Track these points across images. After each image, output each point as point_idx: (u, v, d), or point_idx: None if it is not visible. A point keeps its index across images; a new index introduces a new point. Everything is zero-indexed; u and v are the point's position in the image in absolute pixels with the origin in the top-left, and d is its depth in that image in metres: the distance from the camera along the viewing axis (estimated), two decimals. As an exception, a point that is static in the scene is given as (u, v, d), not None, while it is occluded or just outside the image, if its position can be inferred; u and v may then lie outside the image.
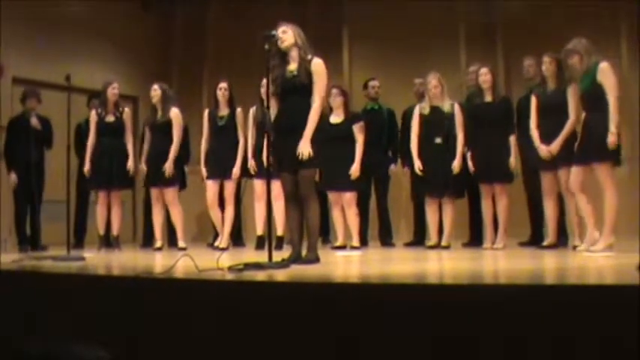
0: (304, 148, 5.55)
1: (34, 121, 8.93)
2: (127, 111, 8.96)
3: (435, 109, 8.03)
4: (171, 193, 8.70)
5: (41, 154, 9.02)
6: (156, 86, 8.75)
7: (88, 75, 10.02)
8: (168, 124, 8.64)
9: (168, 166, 8.55)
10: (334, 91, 8.23)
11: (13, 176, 8.92)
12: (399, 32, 10.85)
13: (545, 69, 7.42)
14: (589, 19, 8.64)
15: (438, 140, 7.98)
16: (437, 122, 8.01)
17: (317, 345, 3.49)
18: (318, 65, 5.69)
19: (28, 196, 8.96)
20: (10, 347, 2.00)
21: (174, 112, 8.70)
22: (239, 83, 9.40)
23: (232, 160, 8.56)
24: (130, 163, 8.76)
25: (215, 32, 12.33)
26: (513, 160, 7.71)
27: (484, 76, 7.82)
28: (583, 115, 6.77)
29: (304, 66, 5.67)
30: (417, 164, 8.05)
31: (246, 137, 8.56)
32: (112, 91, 8.81)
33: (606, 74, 6.50)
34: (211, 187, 8.66)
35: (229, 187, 8.59)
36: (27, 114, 9.00)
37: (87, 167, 8.69)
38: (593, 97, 6.56)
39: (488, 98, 7.85)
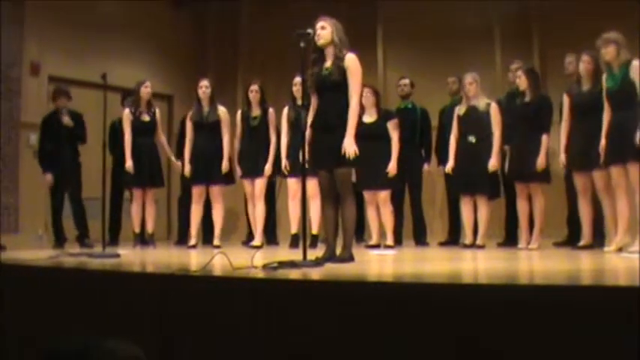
0: (349, 147, 5.50)
1: (66, 120, 8.96)
2: (158, 110, 9.04)
3: (470, 108, 8.02)
4: (219, 190, 8.75)
5: (75, 151, 9.07)
6: (206, 82, 8.77)
7: (123, 73, 10.04)
8: (216, 122, 8.68)
9: (225, 164, 8.62)
10: (366, 90, 8.21)
11: (49, 176, 8.96)
12: (434, 31, 10.80)
13: (583, 68, 7.32)
14: (626, 16, 8.52)
15: (472, 139, 7.96)
16: (471, 121, 7.99)
17: (349, 344, 3.48)
18: (351, 61, 5.63)
19: (62, 193, 9.02)
20: (44, 344, 2.01)
21: (223, 111, 8.78)
22: (273, 81, 9.44)
23: (264, 159, 8.61)
24: (174, 161, 8.85)
25: (248, 30, 12.34)
26: (542, 160, 7.62)
27: (519, 78, 7.78)
28: (608, 113, 6.71)
29: (337, 63, 5.63)
30: (450, 164, 8.05)
31: (279, 136, 8.58)
32: (145, 90, 8.86)
33: (639, 72, 6.44)
34: (248, 185, 8.73)
35: (260, 185, 8.63)
36: (58, 112, 9.06)
37: (129, 163, 8.69)
38: (624, 95, 6.51)
39: (527, 98, 7.78)
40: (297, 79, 8.02)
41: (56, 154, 8.94)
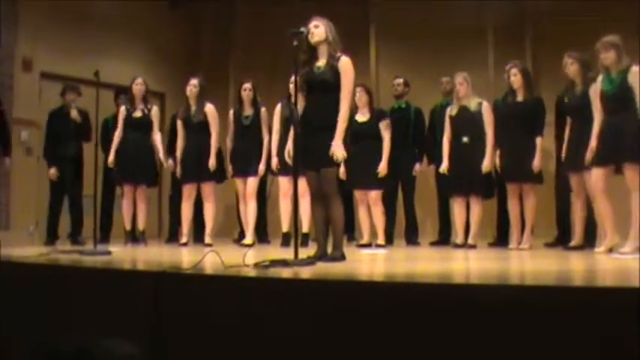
0: (337, 150, 5.51)
1: (74, 114, 8.99)
2: (155, 108, 9.01)
3: (462, 109, 8.04)
4: (210, 188, 8.73)
5: (80, 148, 9.07)
6: (195, 81, 8.73)
7: (115, 71, 10.06)
8: (204, 120, 8.66)
9: (212, 162, 8.57)
10: (359, 89, 8.21)
11: (53, 170, 8.98)
12: (427, 31, 10.82)
13: (569, 69, 7.36)
14: (620, 17, 8.53)
15: (465, 139, 7.98)
16: (464, 121, 8.01)
17: (340, 343, 3.49)
18: (345, 63, 5.63)
19: (63, 189, 9.03)
20: (36, 342, 2.01)
21: (210, 108, 8.73)
22: (266, 80, 9.44)
23: (256, 158, 8.64)
24: (163, 161, 8.86)
25: (241, 28, 12.36)
26: (537, 162, 7.64)
27: (513, 76, 7.78)
28: (602, 116, 6.71)
29: (331, 63, 5.63)
30: (444, 165, 8.07)
31: (271, 135, 8.58)
32: (136, 87, 8.85)
33: (638, 78, 6.45)
34: (240, 184, 8.75)
35: (252, 184, 8.64)
36: (66, 107, 9.07)
37: (111, 158, 8.75)
38: (620, 99, 6.52)
39: (519, 98, 7.80)
40: (294, 78, 8.03)
41: (61, 150, 8.96)
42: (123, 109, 8.90)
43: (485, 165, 7.80)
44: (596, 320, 2.94)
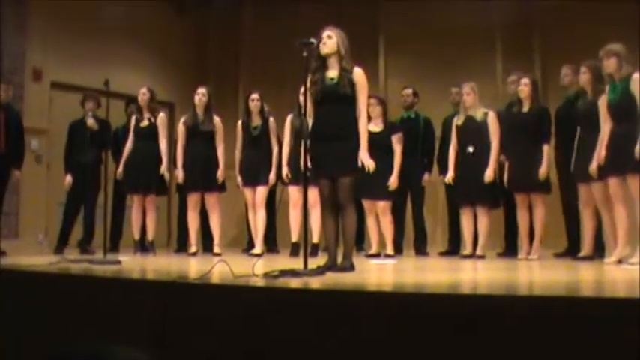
0: (367, 161, 5.65)
1: (90, 122, 9.04)
2: (161, 116, 8.99)
3: (468, 119, 8.04)
4: (214, 198, 8.74)
5: (98, 157, 9.03)
6: (203, 90, 8.76)
7: (125, 80, 10.08)
8: (212, 130, 8.68)
9: (220, 172, 8.61)
10: (372, 100, 8.20)
11: (68, 178, 9.03)
12: (435, 41, 10.82)
13: (580, 79, 7.37)
14: (629, 25, 8.53)
15: (470, 149, 7.98)
16: (469, 131, 8.02)
17: (348, 353, 3.49)
18: (361, 76, 5.68)
19: (79, 197, 9.05)
20: (44, 350, 2.02)
21: (218, 120, 8.77)
22: (274, 89, 9.43)
23: (266, 168, 8.65)
24: (164, 170, 8.79)
25: (250, 38, 12.37)
26: (544, 171, 7.63)
27: (524, 85, 7.78)
28: (609, 125, 6.70)
29: (347, 75, 5.65)
30: (450, 175, 8.07)
31: (281, 145, 8.59)
32: (140, 97, 8.89)
33: (638, 84, 6.44)
34: (249, 194, 8.74)
35: (261, 193, 8.65)
36: (85, 116, 9.13)
37: (119, 170, 8.84)
38: (625, 108, 6.51)
39: (525, 108, 7.80)
40: (303, 89, 8.02)
41: (78, 158, 9.00)
42: (133, 119, 8.94)
43: (488, 175, 7.80)
44: (605, 330, 2.94)
